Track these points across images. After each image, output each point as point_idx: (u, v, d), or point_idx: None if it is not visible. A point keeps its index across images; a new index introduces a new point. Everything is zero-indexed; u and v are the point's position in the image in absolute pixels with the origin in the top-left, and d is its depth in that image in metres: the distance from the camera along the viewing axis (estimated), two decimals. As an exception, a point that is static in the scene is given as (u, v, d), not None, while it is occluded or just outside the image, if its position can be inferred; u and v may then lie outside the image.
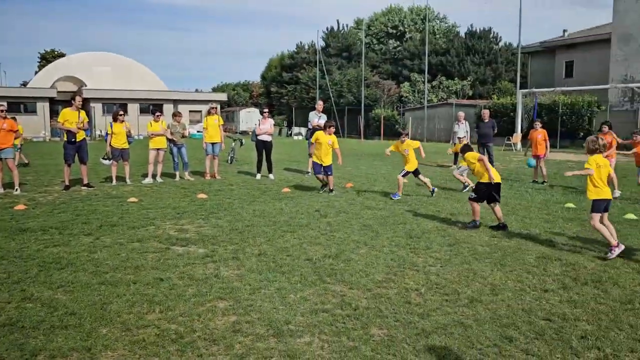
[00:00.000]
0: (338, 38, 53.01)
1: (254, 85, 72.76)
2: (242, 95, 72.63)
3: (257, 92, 68.76)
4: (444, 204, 9.58)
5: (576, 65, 34.01)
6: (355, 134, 42.77)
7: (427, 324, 4.23)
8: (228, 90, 72.65)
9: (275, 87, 57.65)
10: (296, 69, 53.82)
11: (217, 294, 4.88)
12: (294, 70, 54.19)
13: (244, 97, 71.95)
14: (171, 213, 8.75)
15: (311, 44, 54.96)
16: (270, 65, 62.80)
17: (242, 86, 78.63)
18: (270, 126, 13.69)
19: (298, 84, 51.85)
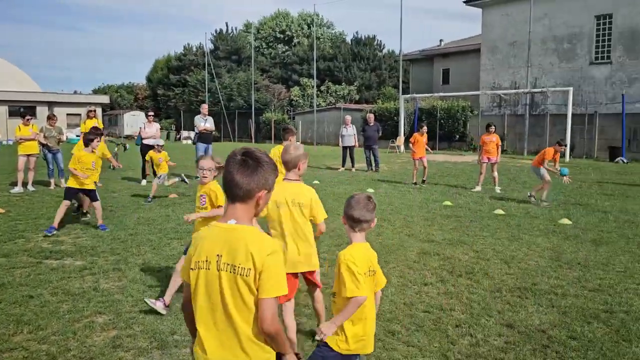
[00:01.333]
0: (227, 41, 52.39)
1: (139, 88, 69.52)
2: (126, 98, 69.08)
3: (143, 94, 65.80)
4: (333, 205, 9.81)
5: (452, 73, 36.56)
6: (247, 138, 42.51)
7: (315, 324, 4.28)
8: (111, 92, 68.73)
9: (162, 89, 55.60)
10: (184, 72, 52.32)
11: (96, 309, 4.58)
12: (181, 73, 52.63)
13: (128, 99, 68.49)
14: (44, 224, 8.07)
15: (199, 46, 53.78)
16: (156, 67, 60.45)
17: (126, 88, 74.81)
18: (156, 130, 13.19)
19: (186, 86, 50.43)
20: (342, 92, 44.24)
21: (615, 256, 6.35)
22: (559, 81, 25.23)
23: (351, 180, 14.02)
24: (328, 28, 58.11)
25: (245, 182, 2.00)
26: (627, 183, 13.48)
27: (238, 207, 2.02)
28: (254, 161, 2.02)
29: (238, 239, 1.96)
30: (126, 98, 69.63)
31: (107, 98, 52.54)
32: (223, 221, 2.03)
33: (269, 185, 2.06)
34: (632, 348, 3.85)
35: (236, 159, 2.02)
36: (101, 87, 79.32)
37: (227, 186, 2.02)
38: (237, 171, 2.00)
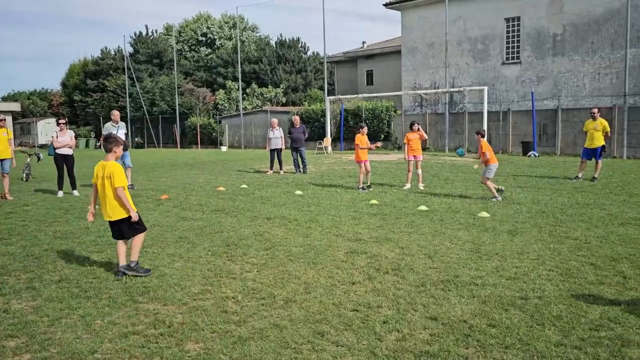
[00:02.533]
0: (148, 44, 50.73)
1: (53, 94, 65.82)
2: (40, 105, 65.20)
3: (58, 101, 62.37)
4: (261, 209, 9.75)
5: (375, 74, 37.44)
6: (172, 144, 41.39)
7: (244, 330, 4.23)
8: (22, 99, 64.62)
9: (79, 95, 52.99)
10: (102, 76, 50.13)
11: (6, 332, 4.27)
12: (99, 78, 50.39)
13: (42, 106, 64.68)
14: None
15: (118, 50, 51.76)
16: (72, 72, 57.51)
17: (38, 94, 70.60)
18: (70, 138, 12.52)
19: (105, 91, 48.36)
20: (268, 95, 44.10)
21: (529, 245, 6.73)
22: (475, 80, 26.48)
23: (279, 182, 14.00)
24: (252, 31, 57.78)
25: None
26: (539, 175, 14.36)
27: None
28: None
29: None
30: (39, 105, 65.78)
31: (18, 105, 49.51)
32: None
33: None
34: (545, 331, 4.09)
35: None
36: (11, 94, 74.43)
37: None
38: None
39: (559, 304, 4.66)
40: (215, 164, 20.99)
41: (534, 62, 24.76)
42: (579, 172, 13.26)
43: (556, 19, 23.78)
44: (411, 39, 29.11)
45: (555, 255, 6.27)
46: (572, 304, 4.66)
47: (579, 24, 23.14)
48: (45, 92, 70.16)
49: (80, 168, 17.96)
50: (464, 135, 25.80)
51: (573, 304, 4.64)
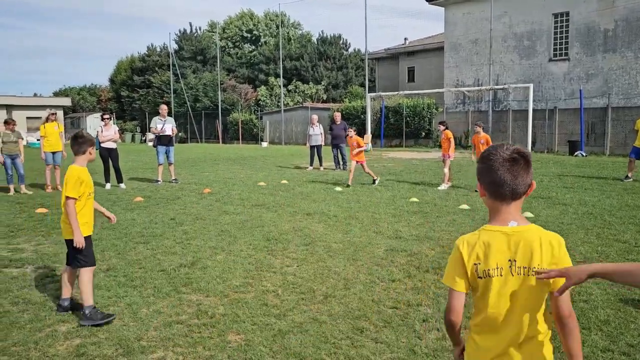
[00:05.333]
0: (192, 41, 51.76)
1: (101, 90, 68.04)
2: (89, 100, 67.52)
3: (106, 96, 64.43)
4: (301, 204, 9.82)
5: (417, 71, 37.04)
6: (214, 139, 42.12)
7: (284, 324, 4.29)
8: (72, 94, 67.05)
9: (126, 91, 54.59)
10: (148, 72, 51.49)
11: (59, 317, 4.47)
12: (145, 74, 51.77)
13: (91, 101, 66.95)
14: (3, 231, 7.84)
15: (163, 47, 53.00)
16: (120, 68, 59.28)
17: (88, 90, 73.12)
18: (114, 132, 12.93)
19: (151, 87, 49.65)
20: (309, 92, 44.26)
21: (575, 247, 6.54)
22: (520, 78, 25.84)
23: (319, 179, 14.05)
24: (295, 28, 58.06)
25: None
26: (586, 176, 13.91)
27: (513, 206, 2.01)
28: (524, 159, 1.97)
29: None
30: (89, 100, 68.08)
31: (68, 100, 51.28)
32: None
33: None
34: (592, 336, 3.98)
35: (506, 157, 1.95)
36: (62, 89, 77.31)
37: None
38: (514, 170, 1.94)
39: (606, 308, 4.52)
40: (256, 160, 21.25)
41: (583, 59, 23.95)
42: (628, 172, 12.77)
43: (607, 14, 22.92)
44: (454, 36, 28.64)
45: (602, 258, 6.07)
46: (621, 308, 4.51)
47: (632, 19, 22.23)
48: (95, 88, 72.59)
49: (127, 162, 18.55)
50: (507, 134, 25.23)
51: (621, 309, 4.50)
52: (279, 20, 48.27)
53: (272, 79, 44.80)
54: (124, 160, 13.40)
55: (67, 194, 4.47)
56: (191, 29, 53.70)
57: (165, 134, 13.39)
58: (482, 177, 2.04)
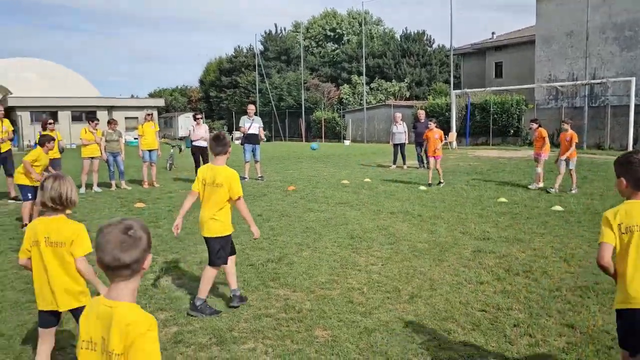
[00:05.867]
0: (276, 41, 53.02)
1: (192, 90, 71.45)
2: (180, 101, 71.13)
3: (196, 97, 67.57)
4: (385, 203, 9.77)
5: (505, 66, 35.58)
6: (297, 137, 42.90)
7: (370, 322, 4.30)
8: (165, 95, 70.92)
9: (215, 91, 56.93)
10: (235, 73, 53.38)
11: (157, 305, 4.77)
12: (232, 74, 53.72)
13: (182, 102, 70.49)
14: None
15: (250, 48, 54.70)
16: (209, 70, 61.96)
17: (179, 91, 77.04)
18: (205, 131, 13.51)
19: (237, 88, 51.44)
20: (392, 89, 43.89)
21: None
22: (620, 71, 24.05)
23: (402, 177, 13.91)
24: (377, 25, 57.77)
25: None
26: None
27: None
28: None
29: None
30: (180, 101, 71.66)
31: (162, 101, 54.25)
32: None
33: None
34: None
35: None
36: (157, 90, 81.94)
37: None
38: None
39: None
40: (339, 158, 21.39)
41: (694, 49, 21.88)
42: None
43: None
44: (547, 28, 27.18)
45: None
46: None
47: None
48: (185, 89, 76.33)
49: (216, 159, 19.31)
50: (605, 131, 23.60)
51: None
52: (362, 18, 48.24)
53: (355, 77, 44.87)
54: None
55: (239, 193, 4.57)
56: (276, 30, 55.04)
57: (252, 132, 13.81)
58: (626, 175, 2.85)
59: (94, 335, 1.87)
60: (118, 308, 1.83)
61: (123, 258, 1.84)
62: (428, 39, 49.32)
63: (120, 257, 1.83)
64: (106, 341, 1.82)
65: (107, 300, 1.87)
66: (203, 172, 4.62)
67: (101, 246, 1.85)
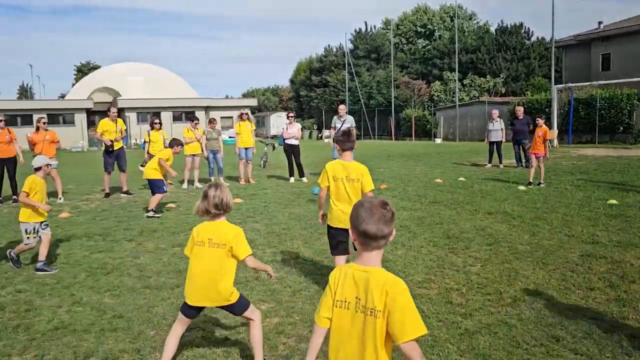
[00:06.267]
0: (366, 40, 53.00)
1: (283, 90, 73.33)
2: (272, 100, 73.26)
3: (287, 96, 69.24)
4: (481, 203, 9.45)
5: (613, 58, 33.07)
6: (386, 135, 42.62)
7: (470, 323, 4.19)
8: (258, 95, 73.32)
9: (305, 90, 57.97)
10: (325, 72, 54.03)
11: (259, 296, 4.94)
12: (322, 74, 54.41)
13: (274, 101, 72.54)
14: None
15: (339, 47, 55.10)
16: (299, 69, 63.22)
17: (271, 91, 79.35)
18: (297, 130, 13.78)
19: (327, 87, 52.04)
20: (486, 85, 42.32)
21: None
22: None
23: (499, 176, 13.38)
24: (471, 19, 55.96)
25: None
26: None
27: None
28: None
29: None
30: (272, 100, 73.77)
31: (255, 101, 56.09)
32: None
33: None
34: None
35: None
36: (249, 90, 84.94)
37: None
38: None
39: None
40: (430, 156, 20.99)
41: None
42: None
43: None
44: (663, 15, 24.91)
45: None
46: None
47: None
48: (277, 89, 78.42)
49: (306, 157, 19.68)
50: None
51: None
52: (454, 12, 46.93)
53: (447, 74, 43.76)
54: (303, 156, 14.25)
55: (371, 186, 4.72)
56: (366, 28, 55.01)
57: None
58: None
59: (348, 295, 2.24)
60: (374, 273, 2.20)
61: (384, 230, 2.19)
62: (526, 31, 46.99)
63: (383, 229, 2.18)
64: (362, 300, 2.19)
65: (361, 266, 2.24)
66: (332, 168, 4.74)
67: (365, 219, 2.17)
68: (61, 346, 3.97)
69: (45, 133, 11.14)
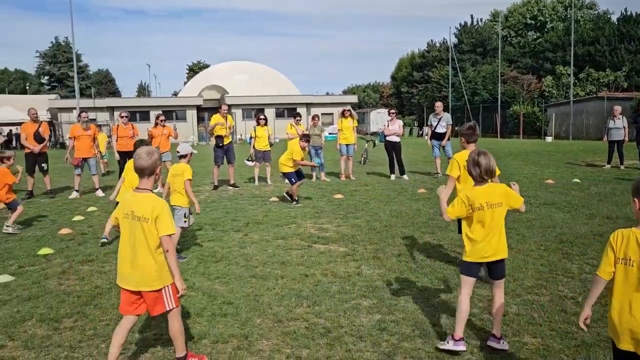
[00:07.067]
0: (472, 33, 51.16)
1: (383, 86, 72.88)
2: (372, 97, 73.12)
3: (387, 92, 68.74)
4: (599, 207, 8.77)
5: None
6: (491, 133, 40.90)
7: (588, 335, 3.90)
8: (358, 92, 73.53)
9: (406, 87, 57.20)
10: (427, 68, 52.94)
11: (361, 292, 4.95)
12: (424, 69, 53.36)
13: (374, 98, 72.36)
14: (310, 212, 9.07)
15: (443, 42, 53.72)
16: (400, 65, 62.47)
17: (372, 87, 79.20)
18: (399, 127, 13.60)
19: (429, 82, 50.98)
20: (605, 80, 39.14)
21: None
22: None
23: (620, 179, 12.32)
24: (589, 9, 52.01)
25: None
26: None
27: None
28: None
29: None
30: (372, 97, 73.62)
31: (355, 98, 56.32)
32: None
33: None
34: None
35: None
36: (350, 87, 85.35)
37: None
38: None
39: None
40: (540, 155, 19.84)
41: None
42: None
43: None
44: None
45: None
46: None
47: None
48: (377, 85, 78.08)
49: (408, 155, 19.46)
50: None
51: None
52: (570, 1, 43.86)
53: (560, 68, 41.06)
54: (404, 154, 14.07)
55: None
56: (472, 21, 53.07)
57: (438, 131, 13.50)
58: None
59: (632, 255, 2.55)
60: None
61: None
62: (655, 19, 42.78)
63: None
64: None
65: None
66: (462, 158, 4.94)
67: None
68: (177, 327, 4.24)
69: (163, 128, 11.97)
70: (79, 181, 11.73)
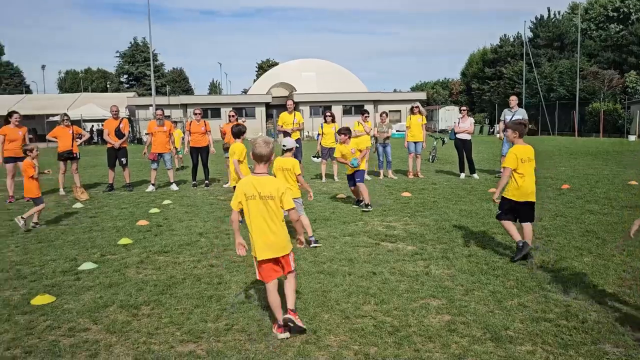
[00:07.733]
0: (548, 27, 48.90)
1: (453, 83, 71.17)
2: (442, 94, 71.60)
3: (457, 89, 67.09)
4: (689, 211, 8.15)
5: None
6: (568, 131, 38.97)
7: (678, 349, 3.64)
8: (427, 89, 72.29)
9: (477, 83, 55.62)
10: (499, 64, 51.21)
11: (429, 292, 4.87)
12: (497, 65, 51.64)
13: (443, 95, 70.82)
14: (378, 210, 9.02)
15: (517, 36, 51.73)
16: (471, 61, 60.78)
17: (441, 84, 77.60)
18: (470, 124, 13.25)
19: (501, 79, 49.28)
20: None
21: None
22: None
23: None
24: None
25: None
26: None
27: None
28: None
29: None
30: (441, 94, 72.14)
31: (424, 95, 55.39)
32: None
33: None
34: None
35: None
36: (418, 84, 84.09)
37: None
38: None
39: None
40: (622, 155, 18.70)
41: None
42: None
43: None
44: None
45: None
46: None
47: None
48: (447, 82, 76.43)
49: (477, 153, 18.93)
50: None
51: None
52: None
53: (646, 62, 38.44)
54: (474, 152, 13.69)
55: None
56: (549, 14, 50.71)
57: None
58: None
59: None
60: None
61: None
62: None
63: None
64: None
65: None
66: (521, 152, 5.80)
67: None
68: (247, 319, 4.36)
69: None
70: (155, 175, 12.28)
